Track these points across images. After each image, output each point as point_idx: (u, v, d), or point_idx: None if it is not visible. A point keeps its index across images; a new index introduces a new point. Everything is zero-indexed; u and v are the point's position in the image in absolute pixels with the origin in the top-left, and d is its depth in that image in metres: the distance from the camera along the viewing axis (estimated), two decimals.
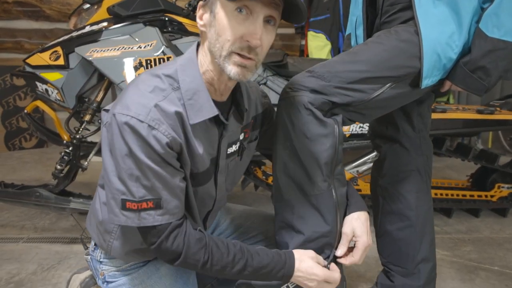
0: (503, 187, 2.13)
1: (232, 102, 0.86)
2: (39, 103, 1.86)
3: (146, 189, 0.74)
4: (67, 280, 1.08)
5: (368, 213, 0.95)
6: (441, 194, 2.12)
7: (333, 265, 0.90)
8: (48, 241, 1.79)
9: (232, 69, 0.72)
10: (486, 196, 2.13)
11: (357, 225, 0.91)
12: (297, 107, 0.84)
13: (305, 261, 0.85)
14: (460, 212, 2.18)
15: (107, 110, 0.81)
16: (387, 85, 0.90)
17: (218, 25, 0.72)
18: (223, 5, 0.70)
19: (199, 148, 0.79)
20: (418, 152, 1.11)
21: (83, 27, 1.69)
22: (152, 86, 0.75)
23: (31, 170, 2.93)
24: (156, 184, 0.74)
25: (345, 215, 0.92)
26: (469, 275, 1.56)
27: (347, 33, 1.25)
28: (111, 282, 0.92)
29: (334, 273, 0.88)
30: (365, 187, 2.08)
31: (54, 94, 1.69)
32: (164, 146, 0.72)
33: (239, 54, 0.72)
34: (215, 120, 0.81)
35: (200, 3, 0.75)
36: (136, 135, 0.71)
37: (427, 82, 0.91)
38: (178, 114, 0.75)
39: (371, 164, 2.10)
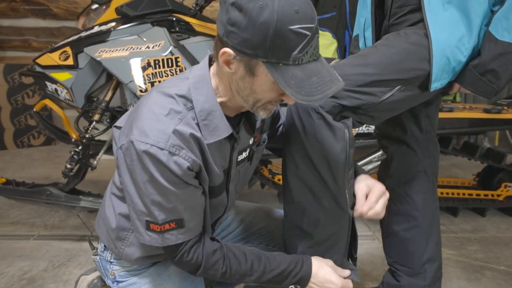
0: (509, 186, 2.12)
1: (242, 113, 0.86)
2: (47, 101, 1.89)
3: (168, 211, 0.76)
4: (75, 281, 1.10)
5: None
6: (447, 193, 2.12)
7: (347, 279, 0.92)
8: (58, 238, 1.82)
9: (263, 114, 0.76)
10: (492, 195, 2.13)
11: (367, 179, 0.91)
12: (308, 111, 0.85)
13: (323, 268, 0.87)
14: (466, 211, 2.18)
15: (118, 127, 0.81)
16: (397, 88, 0.91)
17: (258, 86, 0.71)
18: (265, 73, 0.68)
19: (215, 164, 0.80)
20: (425, 153, 1.12)
21: (92, 27, 1.71)
22: (168, 109, 0.74)
23: (39, 167, 2.97)
24: (178, 206, 0.76)
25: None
26: (475, 274, 1.57)
27: (354, 34, 1.26)
28: (122, 281, 0.93)
29: (350, 282, 0.90)
30: None
31: (63, 94, 1.72)
32: (185, 170, 0.73)
33: (272, 103, 0.76)
34: (228, 135, 0.82)
35: (228, 52, 0.68)
36: (157, 162, 0.71)
37: (436, 85, 0.92)
38: (194, 136, 0.74)
39: (377, 163, 2.11)
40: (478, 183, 2.27)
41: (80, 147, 1.71)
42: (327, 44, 2.87)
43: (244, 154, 0.90)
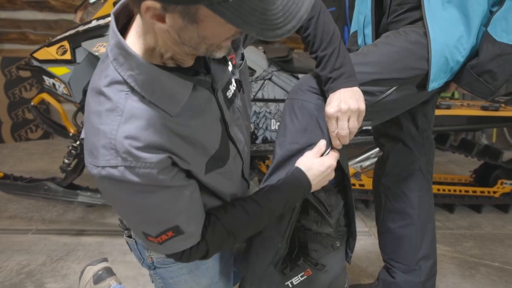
0: (505, 183, 2.14)
1: None
2: (45, 95, 1.89)
3: (158, 224, 0.67)
4: (80, 271, 1.12)
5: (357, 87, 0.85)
6: (444, 190, 2.13)
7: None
8: (56, 232, 1.82)
9: (220, 54, 0.62)
10: (488, 192, 2.15)
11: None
12: (302, 112, 0.86)
13: (312, 163, 0.83)
14: (462, 208, 2.19)
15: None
16: (395, 87, 0.91)
17: (207, 31, 0.55)
18: (211, 15, 0.51)
19: (201, 130, 0.68)
20: (421, 151, 1.12)
21: (90, 22, 1.70)
22: (101, 114, 0.60)
23: (37, 161, 2.96)
24: (165, 216, 0.67)
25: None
26: (469, 271, 1.59)
27: (352, 30, 1.25)
28: (160, 267, 0.88)
29: (335, 153, 0.86)
30: (368, 182, 2.10)
31: (61, 89, 1.71)
32: (155, 176, 0.61)
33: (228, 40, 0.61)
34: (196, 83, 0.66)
35: (153, 6, 0.51)
36: (116, 183, 0.61)
37: (434, 85, 0.92)
38: (148, 122, 0.61)
39: (375, 159, 2.12)
40: (474, 180, 2.28)
41: (77, 142, 1.71)
42: None
43: (232, 88, 0.76)
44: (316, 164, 0.83)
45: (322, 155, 0.86)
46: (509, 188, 2.14)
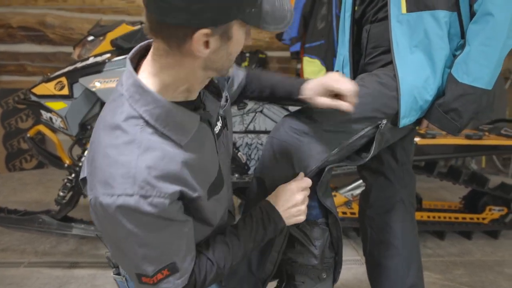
0: (494, 209, 2.18)
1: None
2: (41, 127, 1.93)
3: (156, 260, 0.69)
4: None
5: None
6: (434, 217, 2.16)
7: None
8: (49, 265, 1.82)
9: (231, 70, 0.73)
10: (477, 218, 2.18)
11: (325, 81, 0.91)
12: (280, 150, 0.92)
13: (279, 198, 0.85)
14: (453, 234, 2.22)
15: (85, 182, 0.71)
16: (369, 126, 0.97)
17: (233, 46, 0.66)
18: (240, 26, 0.64)
19: (205, 159, 0.73)
20: (401, 183, 1.18)
21: (87, 58, 1.77)
22: (119, 146, 0.64)
23: (31, 191, 2.96)
24: (165, 251, 0.69)
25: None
26: None
27: (335, 70, 1.33)
28: None
29: (305, 179, 0.89)
30: None
31: (58, 122, 1.76)
32: (166, 207, 0.65)
33: None
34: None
35: (206, 33, 0.60)
36: (129, 212, 0.63)
37: (405, 121, 0.99)
38: (164, 153, 0.65)
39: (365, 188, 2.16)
40: (464, 206, 2.32)
41: (73, 175, 1.75)
42: (316, 70, 2.97)
43: (219, 124, 0.83)
44: (284, 196, 0.85)
45: None
46: (498, 215, 2.18)
